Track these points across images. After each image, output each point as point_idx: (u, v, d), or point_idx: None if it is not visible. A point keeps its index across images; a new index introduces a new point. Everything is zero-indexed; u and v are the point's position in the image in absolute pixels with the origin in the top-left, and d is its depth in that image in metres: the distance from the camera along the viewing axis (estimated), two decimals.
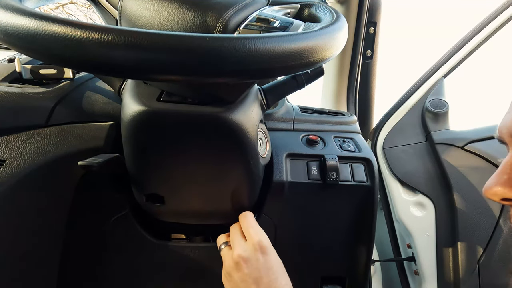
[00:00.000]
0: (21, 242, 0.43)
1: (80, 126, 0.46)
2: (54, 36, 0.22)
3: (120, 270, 0.52)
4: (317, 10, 0.39)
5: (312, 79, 0.47)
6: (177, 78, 0.25)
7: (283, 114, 0.59)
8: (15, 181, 0.40)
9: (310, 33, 0.28)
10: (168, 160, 0.39)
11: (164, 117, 0.35)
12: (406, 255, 0.90)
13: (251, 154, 0.40)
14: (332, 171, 0.49)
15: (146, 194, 0.43)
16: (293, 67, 0.27)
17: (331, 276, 0.56)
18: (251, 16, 0.33)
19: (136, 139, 0.37)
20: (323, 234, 0.53)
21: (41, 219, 0.44)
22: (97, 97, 0.49)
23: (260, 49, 0.25)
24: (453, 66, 0.87)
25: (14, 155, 0.41)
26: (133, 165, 0.41)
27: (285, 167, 0.51)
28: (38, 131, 0.43)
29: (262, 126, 0.46)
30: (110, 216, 0.49)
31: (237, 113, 0.36)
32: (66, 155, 0.43)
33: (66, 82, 0.48)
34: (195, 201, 0.45)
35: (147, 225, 0.51)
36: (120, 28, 0.23)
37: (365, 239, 0.53)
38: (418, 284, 0.84)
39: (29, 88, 0.45)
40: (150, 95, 0.35)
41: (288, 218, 0.52)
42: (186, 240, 0.54)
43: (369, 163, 0.52)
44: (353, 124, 0.62)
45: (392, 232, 0.96)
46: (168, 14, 0.31)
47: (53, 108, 0.45)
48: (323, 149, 0.54)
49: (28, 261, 0.44)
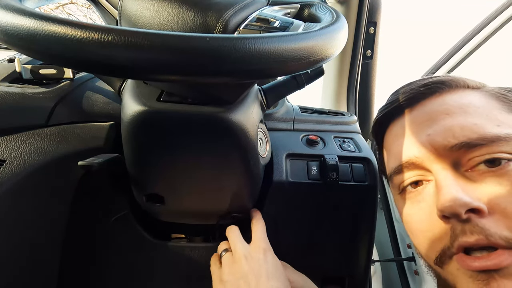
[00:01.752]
0: (21, 242, 0.43)
1: (80, 126, 0.46)
2: (54, 36, 0.22)
3: (120, 270, 0.52)
4: (317, 10, 0.39)
5: (312, 79, 0.47)
6: (177, 78, 0.25)
7: (283, 114, 0.59)
8: (15, 181, 0.40)
9: (310, 33, 0.28)
10: (168, 160, 0.39)
11: (164, 117, 0.35)
12: (406, 255, 0.90)
13: (251, 154, 0.40)
14: (332, 171, 0.49)
15: (146, 194, 0.43)
16: (293, 67, 0.27)
17: (331, 276, 0.56)
18: (251, 16, 0.33)
19: (136, 139, 0.37)
20: (323, 234, 0.53)
21: (41, 219, 0.44)
22: (97, 97, 0.49)
23: (260, 49, 0.25)
24: (453, 65, 0.87)
25: (14, 155, 0.41)
26: (133, 165, 0.41)
27: (285, 167, 0.51)
28: (38, 131, 0.43)
29: (262, 126, 0.46)
30: (110, 216, 0.49)
31: (237, 113, 0.36)
32: (66, 155, 0.43)
33: (66, 82, 0.48)
34: (195, 201, 0.45)
35: (147, 225, 0.51)
36: (120, 28, 0.23)
37: (365, 239, 0.53)
38: (418, 284, 0.84)
39: (29, 88, 0.45)
40: (150, 95, 0.35)
41: (288, 218, 0.52)
42: (186, 240, 0.54)
43: (369, 163, 0.52)
44: (353, 124, 0.62)
45: (392, 232, 0.96)
46: (168, 14, 0.31)
47: (53, 108, 0.45)
48: (323, 149, 0.54)
49: (28, 261, 0.44)
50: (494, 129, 0.30)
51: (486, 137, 0.29)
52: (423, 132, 0.34)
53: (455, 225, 0.29)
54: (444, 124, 0.32)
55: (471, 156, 0.30)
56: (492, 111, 0.32)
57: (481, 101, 0.33)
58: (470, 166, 0.30)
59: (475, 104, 0.32)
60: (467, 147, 0.30)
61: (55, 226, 0.46)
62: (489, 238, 0.27)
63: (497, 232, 0.27)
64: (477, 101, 0.33)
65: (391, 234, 0.97)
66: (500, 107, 0.32)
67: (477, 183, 0.30)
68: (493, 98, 0.33)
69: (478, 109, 0.32)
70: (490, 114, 0.31)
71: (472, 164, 0.30)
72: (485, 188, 0.29)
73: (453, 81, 0.35)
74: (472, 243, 0.28)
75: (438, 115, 0.33)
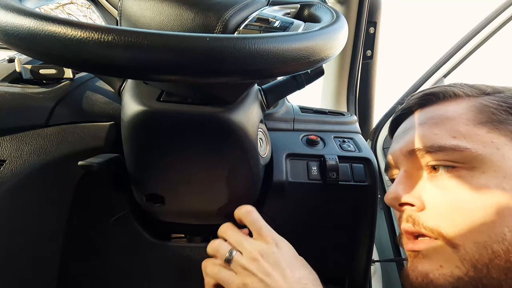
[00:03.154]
0: (21, 242, 0.43)
1: (80, 126, 0.46)
2: (54, 36, 0.22)
3: (120, 270, 0.52)
4: (317, 10, 0.39)
5: (312, 79, 0.47)
6: (177, 78, 0.25)
7: (283, 114, 0.59)
8: (15, 181, 0.40)
9: (310, 33, 0.28)
10: (168, 160, 0.39)
11: (164, 117, 0.35)
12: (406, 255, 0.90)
13: (251, 154, 0.40)
14: (332, 171, 0.49)
15: (146, 194, 0.43)
16: (293, 67, 0.27)
17: (331, 276, 0.56)
18: (251, 16, 0.33)
19: (136, 139, 0.37)
20: (323, 234, 0.53)
21: (41, 219, 0.44)
22: (97, 97, 0.49)
23: (260, 49, 0.25)
24: (453, 66, 0.86)
25: (14, 155, 0.41)
26: (133, 165, 0.41)
27: (285, 167, 0.51)
28: (38, 131, 0.43)
29: (262, 126, 0.46)
30: (110, 216, 0.49)
31: (237, 113, 0.36)
32: (66, 155, 0.43)
33: (66, 82, 0.48)
34: (195, 201, 0.45)
35: (147, 225, 0.51)
36: (120, 28, 0.23)
37: (365, 239, 0.53)
38: None
39: (29, 88, 0.45)
40: (150, 95, 0.35)
41: (288, 218, 0.52)
42: (186, 240, 0.54)
43: (369, 163, 0.52)
44: (353, 124, 0.62)
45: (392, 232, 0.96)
46: (168, 14, 0.31)
47: (53, 108, 0.45)
48: (323, 149, 0.54)
49: (28, 261, 0.44)
50: (446, 140, 0.35)
51: (434, 146, 0.35)
52: (402, 139, 0.41)
53: (398, 214, 0.40)
54: (414, 133, 0.39)
55: (427, 160, 0.36)
56: (458, 123, 0.36)
57: (456, 112, 0.37)
58: (429, 169, 0.37)
59: (447, 116, 0.37)
60: (422, 152, 0.37)
61: (55, 226, 0.46)
62: (415, 226, 0.36)
63: (423, 223, 0.35)
64: (451, 113, 0.37)
65: (391, 234, 0.97)
66: (471, 119, 0.35)
67: (426, 183, 0.37)
68: (470, 110, 0.36)
69: (446, 120, 0.37)
70: (454, 126, 0.36)
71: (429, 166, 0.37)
72: (427, 188, 0.36)
73: (442, 93, 0.40)
74: (405, 229, 0.37)
75: (416, 125, 0.40)
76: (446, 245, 0.33)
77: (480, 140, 0.34)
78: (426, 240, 0.35)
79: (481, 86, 0.39)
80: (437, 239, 0.34)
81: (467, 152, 0.33)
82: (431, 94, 0.41)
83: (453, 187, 0.34)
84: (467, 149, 0.33)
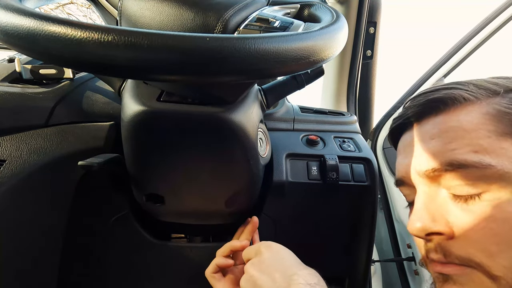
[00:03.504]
0: (21, 241, 0.43)
1: (80, 126, 0.46)
2: (54, 36, 0.22)
3: (120, 270, 0.52)
4: (317, 10, 0.39)
5: (312, 79, 0.47)
6: (177, 78, 0.25)
7: (283, 114, 0.59)
8: (15, 181, 0.40)
9: (310, 33, 0.28)
10: (168, 160, 0.39)
11: (164, 117, 0.35)
12: (406, 255, 0.90)
13: (251, 154, 0.40)
14: (332, 171, 0.49)
15: (146, 194, 0.43)
16: (293, 67, 0.27)
17: (331, 276, 0.56)
18: (251, 16, 0.33)
19: (136, 139, 0.37)
20: (323, 234, 0.53)
21: (41, 219, 0.44)
22: (97, 97, 0.49)
23: (260, 49, 0.25)
24: (453, 66, 0.86)
25: (14, 155, 0.41)
26: (133, 165, 0.41)
27: (285, 167, 0.51)
28: (38, 131, 0.43)
29: (262, 126, 0.46)
30: (110, 216, 0.49)
31: (237, 113, 0.36)
32: (66, 155, 0.43)
33: (66, 82, 0.48)
34: (195, 201, 0.45)
35: (147, 225, 0.51)
36: (120, 28, 0.23)
37: (365, 239, 0.53)
38: (418, 284, 0.84)
39: (29, 88, 0.45)
40: (150, 95, 0.35)
41: (288, 218, 0.52)
42: (186, 240, 0.54)
43: (369, 163, 0.52)
44: (353, 124, 0.62)
45: (392, 232, 0.97)
46: (168, 14, 0.31)
47: (53, 108, 0.45)
48: (323, 149, 0.54)
49: (28, 261, 0.44)
50: (466, 155, 0.30)
51: (453, 164, 0.31)
52: (412, 154, 0.36)
53: (425, 243, 0.35)
54: (428, 148, 0.34)
55: (447, 180, 0.32)
56: (478, 136, 0.31)
57: (472, 123, 0.32)
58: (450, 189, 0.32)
59: (463, 127, 0.32)
60: (440, 172, 0.32)
61: (55, 226, 0.46)
62: (447, 257, 0.32)
63: (455, 252, 0.31)
64: (466, 123, 0.32)
65: (391, 234, 0.97)
66: (492, 130, 0.31)
67: (450, 205, 0.32)
68: (488, 118, 0.31)
69: (463, 132, 0.32)
70: (474, 139, 0.31)
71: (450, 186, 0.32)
72: (453, 212, 0.31)
73: (451, 98, 0.34)
74: (436, 260, 0.33)
75: (427, 139, 0.35)
76: (483, 275, 0.29)
77: (506, 155, 0.29)
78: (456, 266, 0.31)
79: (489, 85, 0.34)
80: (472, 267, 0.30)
81: (492, 169, 0.29)
82: (438, 100, 0.35)
83: (481, 211, 0.30)
84: (491, 166, 0.29)
